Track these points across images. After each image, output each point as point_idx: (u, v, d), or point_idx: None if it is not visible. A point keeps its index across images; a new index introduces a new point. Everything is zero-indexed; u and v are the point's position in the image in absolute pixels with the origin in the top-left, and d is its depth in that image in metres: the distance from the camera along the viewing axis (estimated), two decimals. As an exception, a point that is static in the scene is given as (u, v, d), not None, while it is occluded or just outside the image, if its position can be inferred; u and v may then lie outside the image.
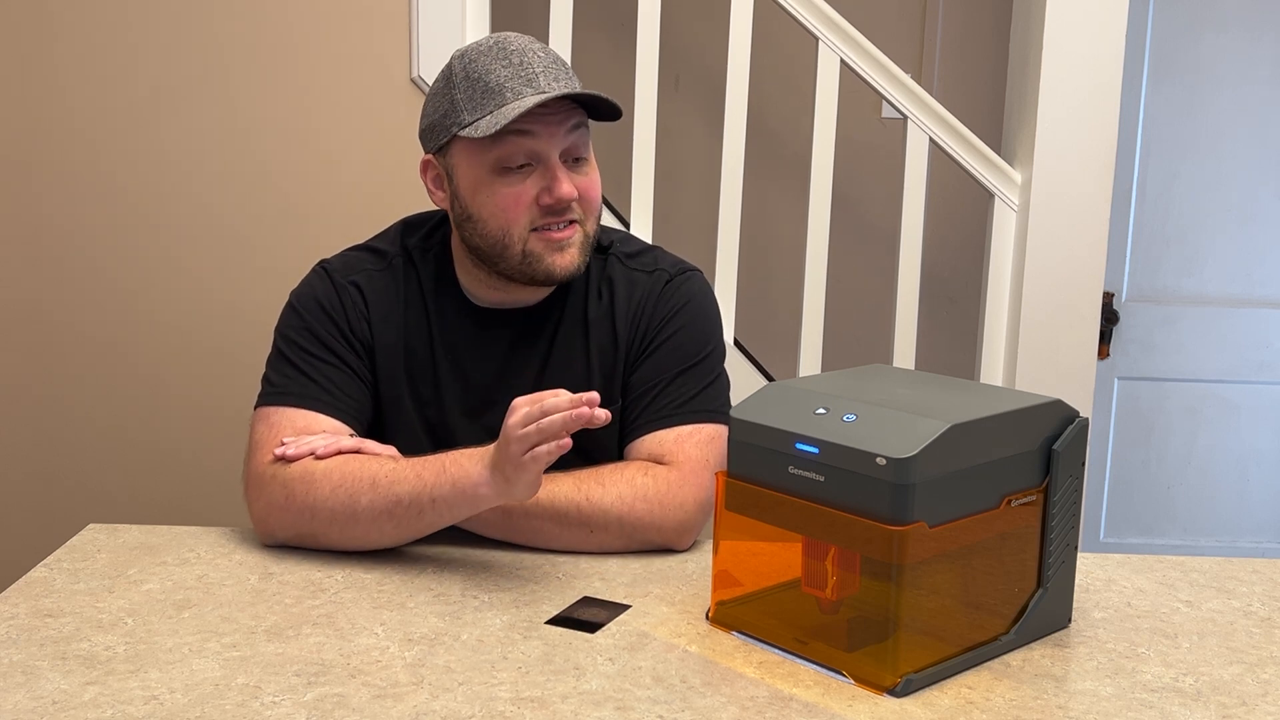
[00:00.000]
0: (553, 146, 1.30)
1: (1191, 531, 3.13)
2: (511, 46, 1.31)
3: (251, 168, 2.28)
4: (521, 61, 1.29)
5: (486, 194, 1.32)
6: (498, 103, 1.27)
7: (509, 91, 1.28)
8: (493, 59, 1.29)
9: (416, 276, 1.42)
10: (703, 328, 1.43)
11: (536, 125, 1.29)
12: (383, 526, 1.24)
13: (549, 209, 1.31)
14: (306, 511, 1.26)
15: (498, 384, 1.40)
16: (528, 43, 1.32)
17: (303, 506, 1.26)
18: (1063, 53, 2.36)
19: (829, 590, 1.03)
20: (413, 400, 1.40)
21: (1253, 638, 1.13)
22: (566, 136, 1.31)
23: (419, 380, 1.40)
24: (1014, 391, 1.11)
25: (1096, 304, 2.43)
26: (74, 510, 2.30)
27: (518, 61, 1.29)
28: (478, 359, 1.41)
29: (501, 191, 1.31)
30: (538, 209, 1.31)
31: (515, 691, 0.97)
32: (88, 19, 2.24)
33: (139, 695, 0.96)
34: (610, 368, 1.42)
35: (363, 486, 1.24)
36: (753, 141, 2.44)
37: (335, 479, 1.25)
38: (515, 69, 1.29)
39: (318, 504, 1.25)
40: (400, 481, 1.23)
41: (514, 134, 1.28)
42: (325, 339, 1.37)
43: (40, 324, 2.32)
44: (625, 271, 1.44)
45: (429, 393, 1.40)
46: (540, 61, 1.30)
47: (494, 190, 1.31)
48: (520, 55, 1.30)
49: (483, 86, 1.29)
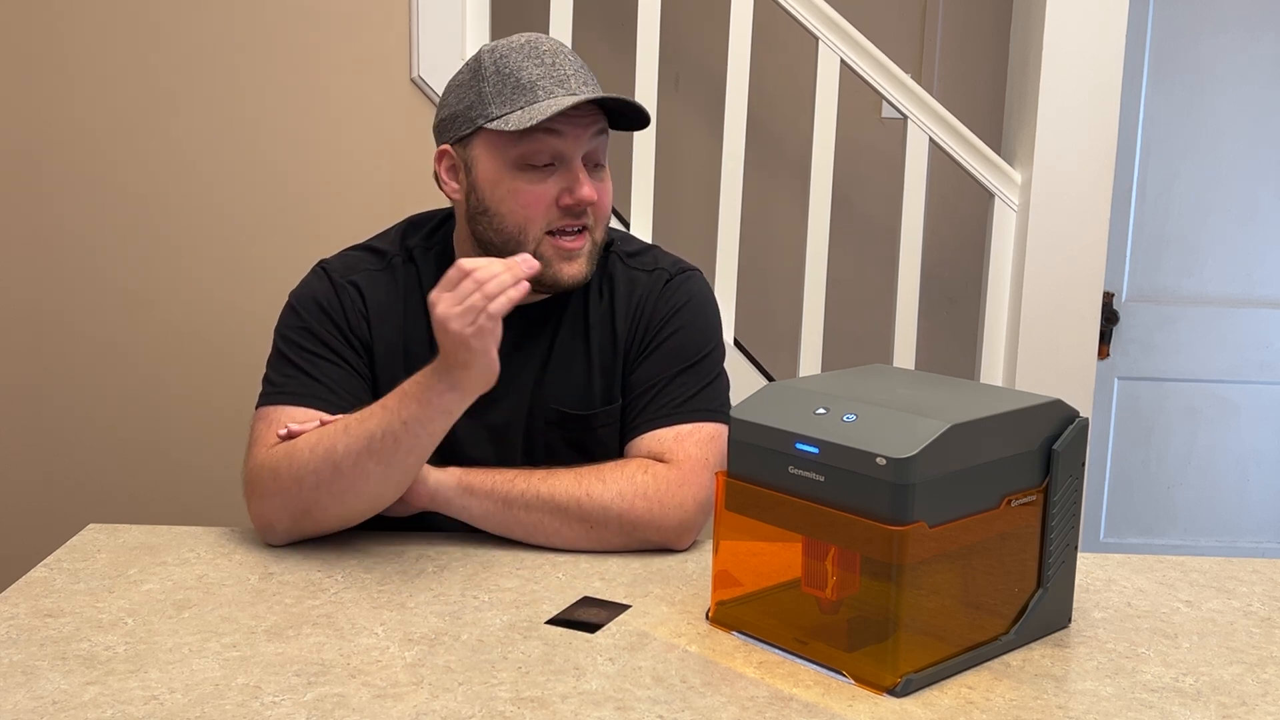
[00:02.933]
0: (577, 148, 1.32)
1: (1191, 531, 3.13)
2: (544, 47, 1.32)
3: (252, 168, 2.28)
4: (554, 62, 1.31)
5: (507, 189, 1.32)
6: (529, 99, 1.29)
7: (541, 90, 1.29)
8: (524, 57, 1.31)
9: (417, 276, 1.42)
10: (702, 327, 1.44)
11: (565, 126, 1.30)
12: (366, 468, 1.22)
13: (568, 210, 1.32)
14: (294, 484, 1.25)
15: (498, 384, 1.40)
16: (558, 45, 1.34)
17: (289, 480, 1.25)
18: (1063, 53, 2.36)
19: (829, 590, 1.03)
20: None
21: (1253, 638, 1.13)
22: (590, 141, 1.33)
23: None
24: (1014, 391, 1.11)
25: (1096, 304, 2.43)
26: (74, 510, 2.30)
27: (550, 61, 1.31)
28: None
29: (524, 189, 1.31)
30: (556, 210, 1.32)
31: (515, 691, 0.97)
32: (89, 20, 2.24)
33: (139, 695, 0.96)
34: (610, 367, 1.42)
35: (337, 435, 1.24)
36: (753, 141, 2.44)
37: (312, 440, 1.25)
38: (548, 69, 1.30)
39: (302, 470, 1.24)
40: (368, 418, 1.23)
41: (543, 132, 1.29)
42: (324, 338, 1.37)
43: (41, 324, 2.32)
44: (626, 270, 1.45)
45: None
46: (570, 64, 1.32)
47: (515, 186, 1.32)
48: (552, 56, 1.32)
49: (514, 82, 1.30)
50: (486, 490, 1.29)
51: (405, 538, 1.33)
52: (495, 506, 1.29)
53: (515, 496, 1.29)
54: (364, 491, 1.25)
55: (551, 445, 1.42)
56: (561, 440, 1.42)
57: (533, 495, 1.29)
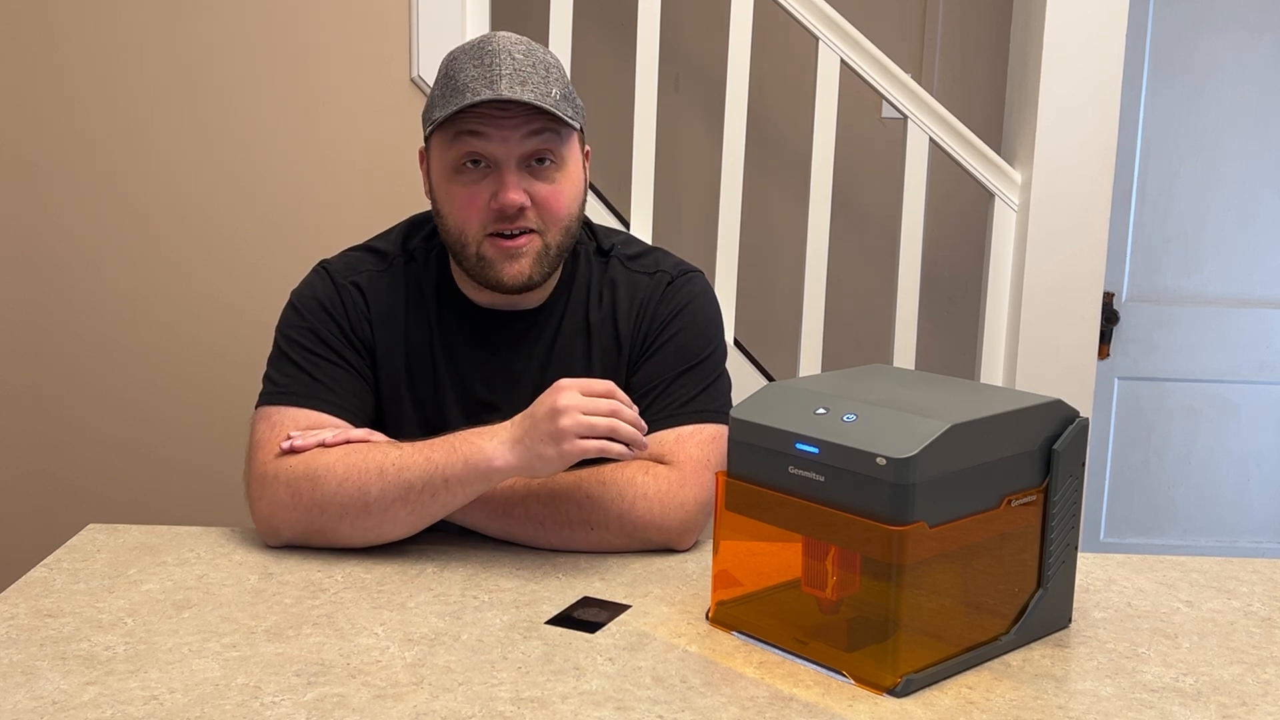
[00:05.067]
0: (507, 150, 1.29)
1: (1191, 531, 3.13)
2: (489, 47, 1.30)
3: (252, 168, 2.28)
4: (492, 63, 1.28)
5: (446, 191, 1.33)
6: (458, 101, 1.27)
7: (469, 91, 1.27)
8: (469, 58, 1.30)
9: (418, 278, 1.42)
10: (704, 328, 1.43)
11: (489, 128, 1.28)
12: (396, 514, 1.24)
13: (497, 214, 1.30)
14: (315, 509, 1.25)
15: (498, 386, 1.41)
16: (510, 44, 1.31)
17: (310, 504, 1.25)
18: (1063, 53, 2.36)
19: (829, 590, 1.03)
20: (412, 401, 1.40)
21: (1253, 638, 1.13)
22: (524, 141, 1.29)
23: (419, 381, 1.40)
24: (1014, 391, 1.11)
25: (1096, 304, 2.43)
26: (74, 510, 2.30)
27: (489, 63, 1.28)
28: (478, 361, 1.41)
29: (458, 191, 1.32)
30: (489, 213, 1.31)
31: (515, 691, 0.97)
32: (88, 19, 2.24)
33: (139, 695, 0.96)
34: (612, 370, 1.42)
35: (371, 476, 1.23)
36: (753, 141, 2.44)
37: (340, 472, 1.24)
38: (483, 69, 1.28)
39: (326, 500, 1.24)
40: (409, 467, 1.22)
41: (467, 134, 1.29)
42: (327, 338, 1.37)
43: (40, 324, 2.32)
44: (627, 274, 1.44)
45: (428, 393, 1.40)
46: (510, 64, 1.28)
47: (452, 190, 1.32)
48: (494, 57, 1.28)
49: (452, 84, 1.29)
50: (487, 495, 1.29)
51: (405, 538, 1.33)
52: (495, 511, 1.29)
53: (516, 502, 1.29)
54: (387, 532, 1.27)
55: None
56: None
57: (533, 499, 1.28)
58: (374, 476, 1.23)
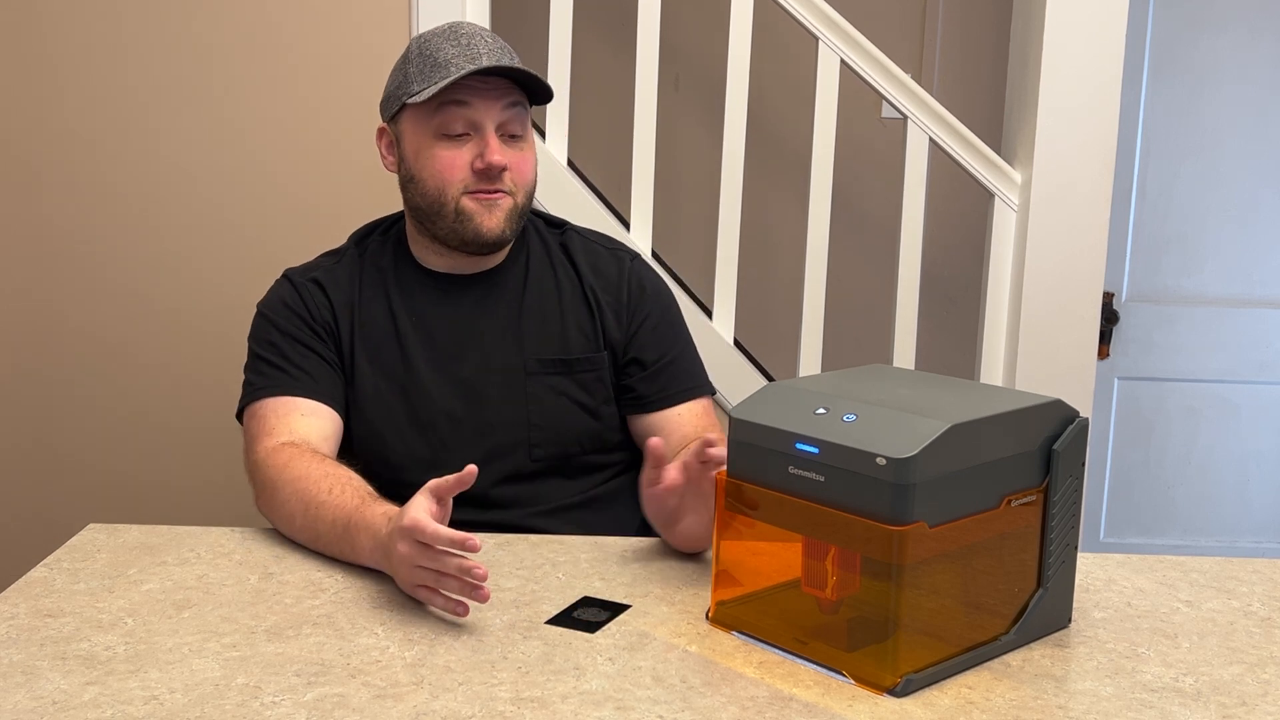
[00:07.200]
0: (488, 118, 1.43)
1: (1191, 531, 3.13)
2: (462, 30, 1.44)
3: (251, 167, 2.28)
4: (469, 43, 1.42)
5: (427, 157, 1.44)
6: (442, 75, 1.40)
7: (453, 67, 1.40)
8: (444, 39, 1.43)
9: (374, 259, 1.54)
10: (674, 304, 1.61)
11: (474, 98, 1.42)
12: (313, 542, 1.30)
13: (481, 174, 1.43)
14: (270, 511, 1.36)
15: (466, 337, 1.51)
16: (479, 29, 1.46)
17: (267, 508, 1.36)
18: (1063, 53, 2.36)
19: (829, 590, 1.03)
20: (383, 366, 1.49)
21: (1253, 638, 1.13)
22: (503, 112, 1.44)
23: (384, 348, 1.50)
24: (1014, 391, 1.11)
25: (1096, 304, 2.42)
26: (74, 510, 2.30)
27: (465, 42, 1.42)
28: (442, 315, 1.51)
29: (441, 155, 1.43)
30: (471, 174, 1.43)
31: (515, 691, 0.97)
32: (87, 17, 2.23)
33: (139, 695, 0.96)
34: (585, 322, 1.53)
35: (298, 507, 1.30)
36: (753, 141, 2.44)
37: (286, 493, 1.31)
38: (463, 48, 1.42)
39: (275, 508, 1.34)
40: (321, 519, 1.27)
41: (453, 104, 1.42)
42: (292, 332, 1.48)
43: (40, 323, 2.32)
44: (584, 243, 1.58)
45: (396, 355, 1.49)
46: (486, 45, 1.43)
47: (434, 154, 1.44)
48: (469, 38, 1.43)
49: (432, 61, 1.42)
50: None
51: (405, 538, 1.34)
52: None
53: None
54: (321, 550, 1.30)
55: (538, 395, 1.49)
56: (548, 389, 1.50)
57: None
58: (300, 509, 1.30)
